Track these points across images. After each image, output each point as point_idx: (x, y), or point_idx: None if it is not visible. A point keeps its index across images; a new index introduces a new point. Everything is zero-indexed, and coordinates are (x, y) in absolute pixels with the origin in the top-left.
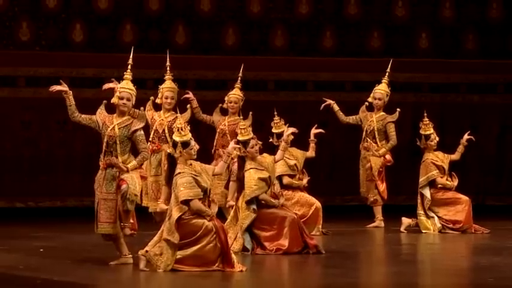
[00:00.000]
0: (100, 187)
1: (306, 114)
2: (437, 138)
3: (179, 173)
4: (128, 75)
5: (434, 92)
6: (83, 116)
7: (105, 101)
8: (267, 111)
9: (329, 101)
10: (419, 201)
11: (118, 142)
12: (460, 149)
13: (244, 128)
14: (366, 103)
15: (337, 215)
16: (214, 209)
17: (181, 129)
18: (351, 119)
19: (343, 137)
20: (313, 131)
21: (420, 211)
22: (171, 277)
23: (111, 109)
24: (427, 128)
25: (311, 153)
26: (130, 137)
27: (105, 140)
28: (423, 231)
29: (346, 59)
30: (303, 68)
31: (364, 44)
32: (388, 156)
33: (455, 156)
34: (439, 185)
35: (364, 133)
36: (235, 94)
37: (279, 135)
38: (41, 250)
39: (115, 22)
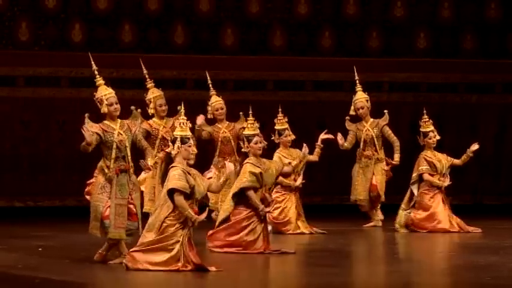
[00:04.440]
0: (112, 193)
1: (305, 114)
2: (437, 137)
3: (173, 166)
4: (100, 80)
5: (433, 91)
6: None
7: (87, 114)
8: (265, 111)
9: (329, 136)
10: (407, 196)
11: (128, 145)
12: (465, 158)
13: (251, 123)
14: (348, 117)
15: (335, 214)
16: (202, 216)
17: (183, 124)
18: (350, 141)
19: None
20: (322, 136)
21: (403, 205)
22: (170, 276)
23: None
24: (426, 126)
25: (314, 157)
26: (132, 137)
27: (115, 146)
28: (396, 226)
29: (345, 58)
30: (302, 67)
31: (363, 44)
32: (387, 169)
33: (459, 162)
34: (426, 180)
35: (362, 143)
36: (218, 101)
37: (280, 132)
38: (40, 249)
39: (114, 22)
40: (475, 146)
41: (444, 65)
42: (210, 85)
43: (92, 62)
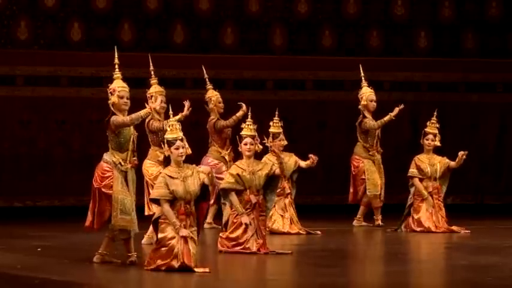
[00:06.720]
0: (130, 189)
1: (305, 114)
2: (436, 142)
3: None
4: (118, 73)
5: (434, 91)
6: None
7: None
8: (265, 110)
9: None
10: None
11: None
12: (457, 161)
13: (249, 124)
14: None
15: (334, 213)
16: (186, 231)
17: (171, 126)
18: (375, 122)
19: (341, 137)
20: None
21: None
22: (170, 276)
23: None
24: (431, 127)
25: (305, 164)
26: None
27: (133, 138)
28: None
29: (345, 58)
30: (302, 67)
31: (363, 43)
32: None
33: (453, 164)
34: (415, 187)
35: (375, 137)
36: (218, 95)
37: (274, 136)
38: (39, 249)
39: (113, 21)
40: (462, 156)
41: (445, 64)
42: (207, 79)
43: (116, 55)
